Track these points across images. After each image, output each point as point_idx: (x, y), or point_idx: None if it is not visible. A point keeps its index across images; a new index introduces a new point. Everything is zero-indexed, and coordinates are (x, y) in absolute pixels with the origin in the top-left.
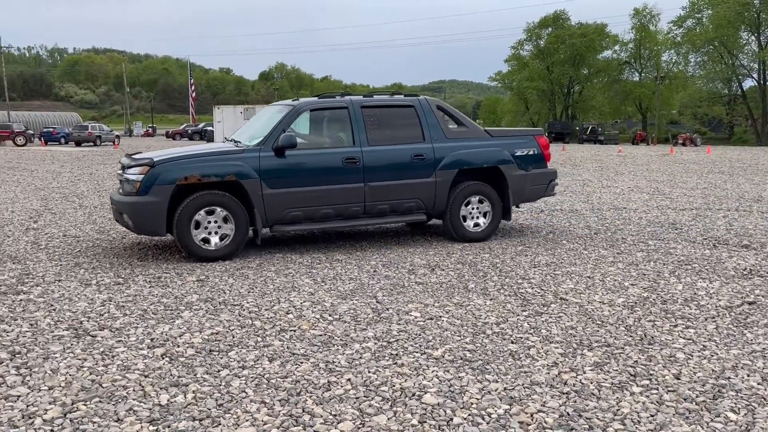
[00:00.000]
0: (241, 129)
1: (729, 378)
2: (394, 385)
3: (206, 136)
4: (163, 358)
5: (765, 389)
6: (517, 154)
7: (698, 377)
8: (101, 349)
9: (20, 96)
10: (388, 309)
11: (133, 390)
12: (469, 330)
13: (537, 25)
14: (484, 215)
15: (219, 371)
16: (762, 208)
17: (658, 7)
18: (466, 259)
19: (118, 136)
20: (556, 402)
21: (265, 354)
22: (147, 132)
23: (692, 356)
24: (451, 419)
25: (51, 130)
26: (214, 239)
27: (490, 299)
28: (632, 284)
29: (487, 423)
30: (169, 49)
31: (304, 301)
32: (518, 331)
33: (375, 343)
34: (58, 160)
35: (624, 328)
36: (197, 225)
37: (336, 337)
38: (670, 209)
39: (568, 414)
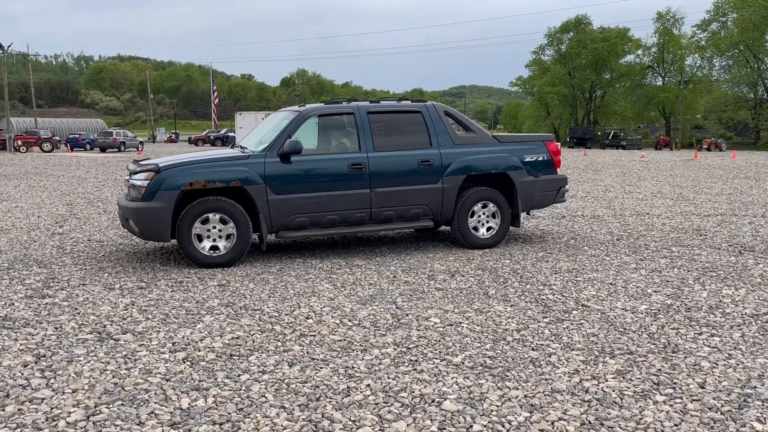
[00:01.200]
0: (249, 135)
1: (755, 387)
2: (413, 392)
3: (228, 142)
4: (184, 362)
5: None
6: (526, 160)
7: (723, 386)
8: (124, 353)
9: (47, 103)
10: (407, 315)
11: (155, 394)
12: (489, 336)
13: (558, 30)
14: (493, 222)
15: (239, 376)
16: None
17: (681, 10)
18: (486, 265)
19: (141, 142)
20: (578, 410)
21: (285, 359)
22: (170, 138)
23: (717, 365)
24: (471, 426)
25: (77, 136)
26: (215, 244)
27: (511, 305)
28: (655, 291)
29: (508, 430)
30: (192, 56)
31: (323, 306)
32: (539, 337)
33: (394, 349)
34: (83, 166)
35: (647, 336)
36: (199, 231)
37: (355, 343)
38: (694, 215)
39: (590, 422)
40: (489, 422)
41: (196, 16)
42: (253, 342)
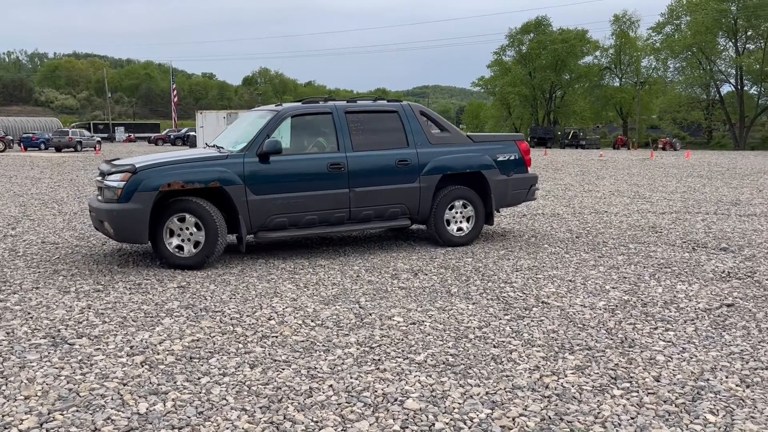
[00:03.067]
0: (223, 134)
1: (708, 380)
2: (376, 391)
3: (189, 141)
4: (142, 366)
5: (743, 390)
6: (498, 159)
7: (678, 379)
8: (79, 358)
9: None
10: (370, 314)
11: (111, 399)
12: (451, 334)
13: (519, 31)
14: (467, 220)
15: (199, 378)
16: (740, 212)
17: (637, 13)
18: (449, 264)
19: (99, 142)
20: (538, 406)
21: (246, 361)
22: (129, 137)
23: (672, 358)
24: (433, 424)
25: (31, 135)
26: (184, 245)
27: (473, 303)
28: (613, 287)
29: (469, 428)
30: (152, 54)
31: (286, 307)
32: (500, 335)
33: (357, 349)
34: (37, 166)
35: (605, 331)
36: (171, 232)
37: (318, 343)
38: (650, 213)
39: (550, 418)
40: (451, 420)
41: (155, 14)
42: (214, 344)
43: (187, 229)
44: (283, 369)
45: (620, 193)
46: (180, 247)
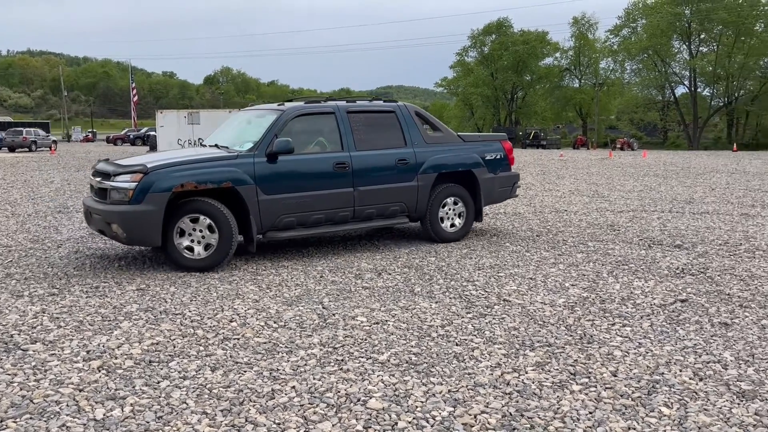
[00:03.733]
0: (219, 133)
1: (663, 374)
2: (339, 391)
3: (149, 141)
4: (99, 371)
5: (696, 384)
6: (486, 158)
7: (634, 374)
8: (33, 363)
9: None
10: (334, 314)
11: (67, 405)
12: (414, 333)
13: (481, 32)
14: (459, 216)
15: (159, 383)
16: (693, 210)
17: (595, 16)
18: (412, 263)
19: (55, 142)
20: (499, 402)
21: (207, 363)
22: (86, 137)
23: (628, 353)
24: (396, 423)
25: None
26: (199, 248)
27: (436, 302)
28: (572, 285)
29: (432, 426)
30: (110, 52)
31: (248, 309)
32: (462, 333)
33: (320, 350)
34: None
35: (564, 328)
36: (182, 233)
37: (281, 345)
38: (608, 211)
39: (511, 414)
40: (414, 418)
41: (114, 11)
42: (174, 347)
43: (200, 231)
44: (245, 371)
45: (580, 192)
46: (192, 249)
